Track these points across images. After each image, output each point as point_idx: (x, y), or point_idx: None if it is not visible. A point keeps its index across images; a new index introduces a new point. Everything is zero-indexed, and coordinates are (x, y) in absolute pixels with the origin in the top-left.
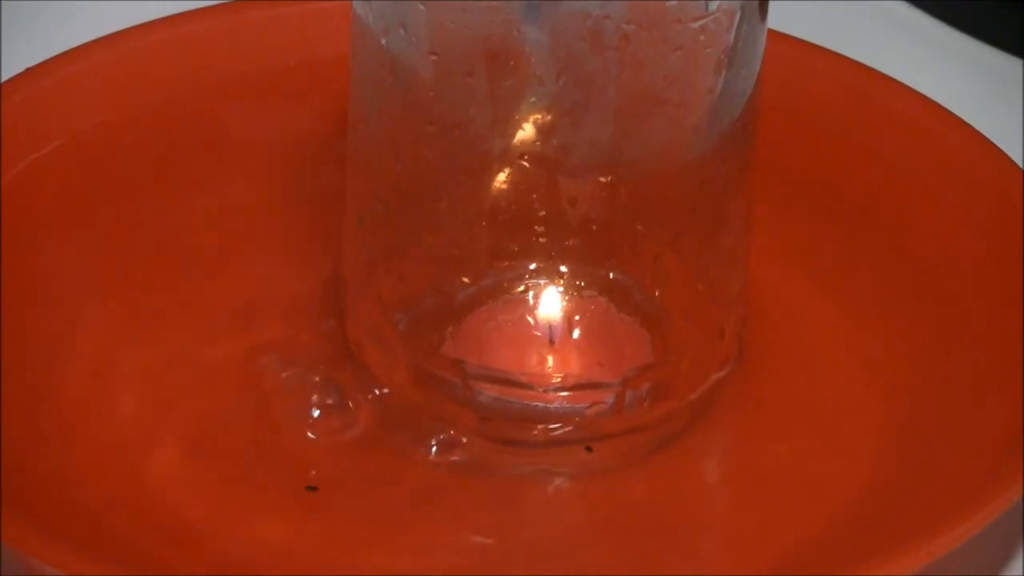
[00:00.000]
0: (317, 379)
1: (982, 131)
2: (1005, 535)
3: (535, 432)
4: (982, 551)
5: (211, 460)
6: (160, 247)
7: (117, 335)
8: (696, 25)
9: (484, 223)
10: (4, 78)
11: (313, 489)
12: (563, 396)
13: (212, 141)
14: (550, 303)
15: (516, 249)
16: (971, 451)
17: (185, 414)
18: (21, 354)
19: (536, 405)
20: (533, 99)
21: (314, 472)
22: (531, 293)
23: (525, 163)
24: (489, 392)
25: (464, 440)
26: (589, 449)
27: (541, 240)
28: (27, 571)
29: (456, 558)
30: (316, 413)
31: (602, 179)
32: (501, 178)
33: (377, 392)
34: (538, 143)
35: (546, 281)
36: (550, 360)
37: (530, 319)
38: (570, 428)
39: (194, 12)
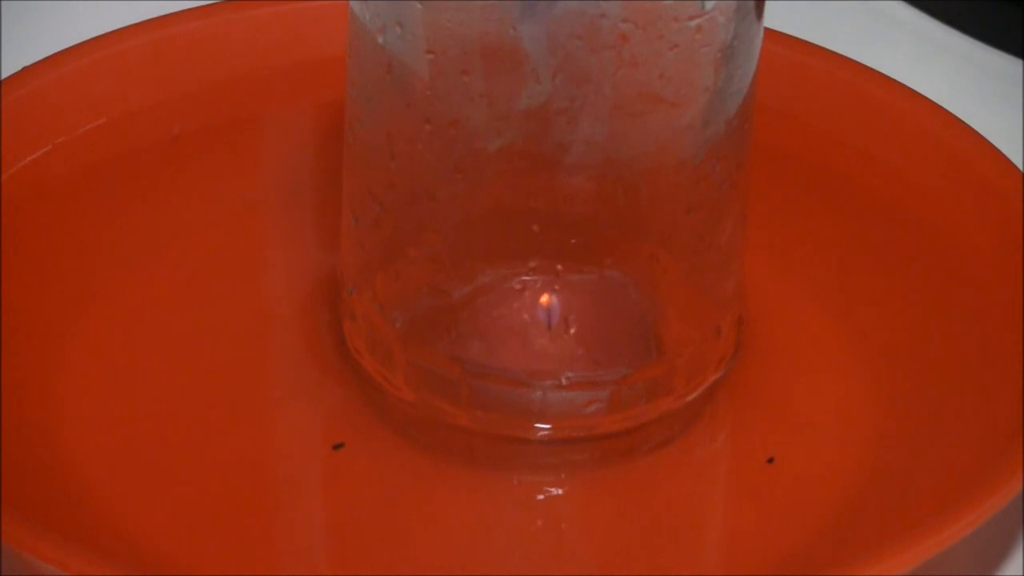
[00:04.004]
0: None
1: (982, 131)
2: (1004, 532)
3: (532, 429)
4: (981, 548)
5: (212, 458)
6: (158, 247)
7: (117, 334)
8: (692, 24)
9: (480, 221)
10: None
11: (340, 446)
12: (560, 393)
13: (210, 139)
14: (546, 301)
15: (512, 247)
16: (969, 448)
17: (185, 413)
18: (21, 354)
19: (533, 402)
20: (529, 97)
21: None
22: (527, 291)
23: (521, 161)
24: (486, 389)
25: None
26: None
27: (537, 238)
28: (27, 571)
29: (451, 557)
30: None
31: (598, 177)
32: (497, 176)
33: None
34: (534, 141)
35: (542, 279)
36: (547, 358)
37: (526, 317)
38: (568, 425)
39: (191, 11)
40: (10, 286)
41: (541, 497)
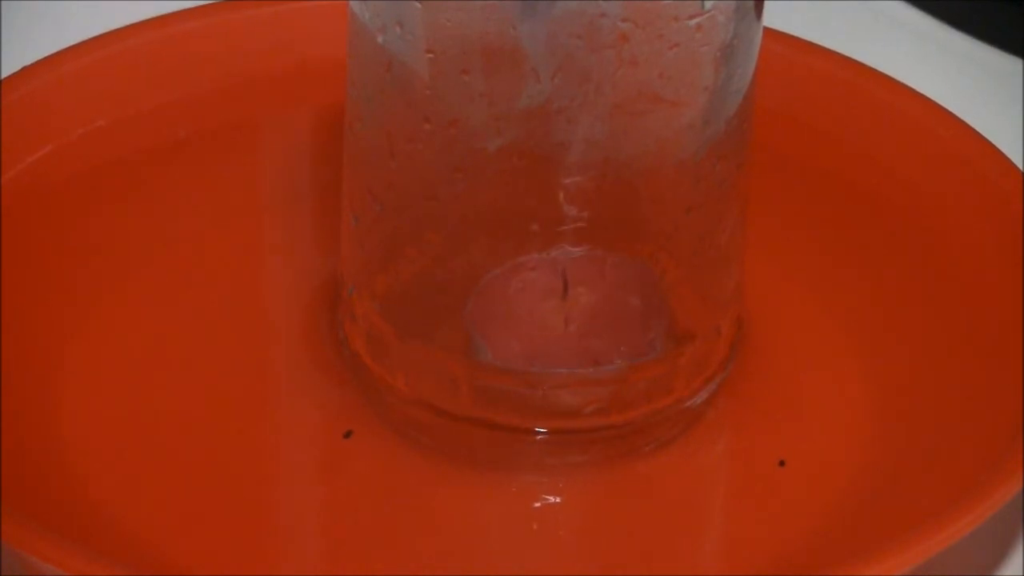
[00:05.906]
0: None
1: (982, 131)
2: (1004, 532)
3: (532, 429)
4: (981, 548)
5: (211, 459)
6: (159, 248)
7: (117, 335)
8: (692, 23)
9: (480, 221)
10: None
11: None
12: (560, 392)
13: (209, 139)
14: (545, 301)
15: (512, 247)
16: (969, 448)
17: (185, 414)
18: (21, 354)
19: (533, 402)
20: (529, 97)
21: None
22: (527, 291)
23: (521, 161)
24: (486, 389)
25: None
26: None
27: (537, 238)
28: (27, 571)
29: (451, 557)
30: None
31: (598, 177)
32: (497, 176)
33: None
34: (534, 141)
35: (541, 279)
36: (547, 357)
37: (526, 317)
38: (568, 425)
39: (191, 11)
40: (10, 287)
41: (541, 498)
